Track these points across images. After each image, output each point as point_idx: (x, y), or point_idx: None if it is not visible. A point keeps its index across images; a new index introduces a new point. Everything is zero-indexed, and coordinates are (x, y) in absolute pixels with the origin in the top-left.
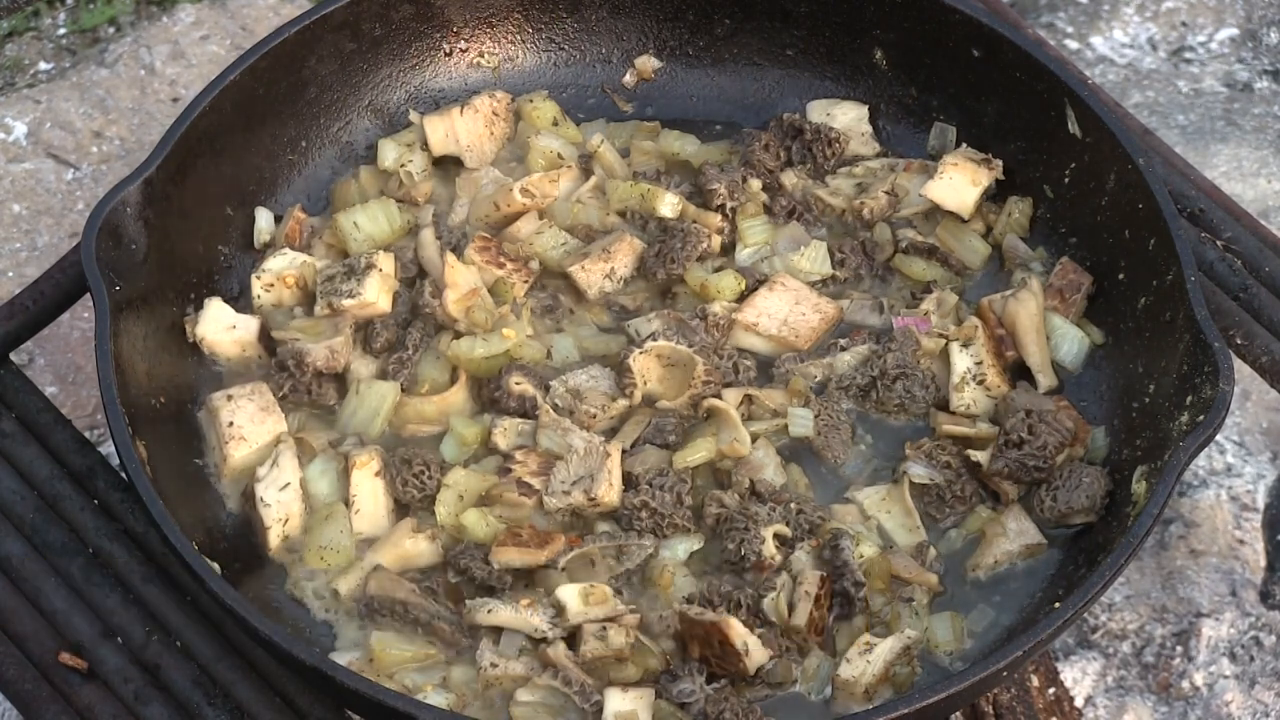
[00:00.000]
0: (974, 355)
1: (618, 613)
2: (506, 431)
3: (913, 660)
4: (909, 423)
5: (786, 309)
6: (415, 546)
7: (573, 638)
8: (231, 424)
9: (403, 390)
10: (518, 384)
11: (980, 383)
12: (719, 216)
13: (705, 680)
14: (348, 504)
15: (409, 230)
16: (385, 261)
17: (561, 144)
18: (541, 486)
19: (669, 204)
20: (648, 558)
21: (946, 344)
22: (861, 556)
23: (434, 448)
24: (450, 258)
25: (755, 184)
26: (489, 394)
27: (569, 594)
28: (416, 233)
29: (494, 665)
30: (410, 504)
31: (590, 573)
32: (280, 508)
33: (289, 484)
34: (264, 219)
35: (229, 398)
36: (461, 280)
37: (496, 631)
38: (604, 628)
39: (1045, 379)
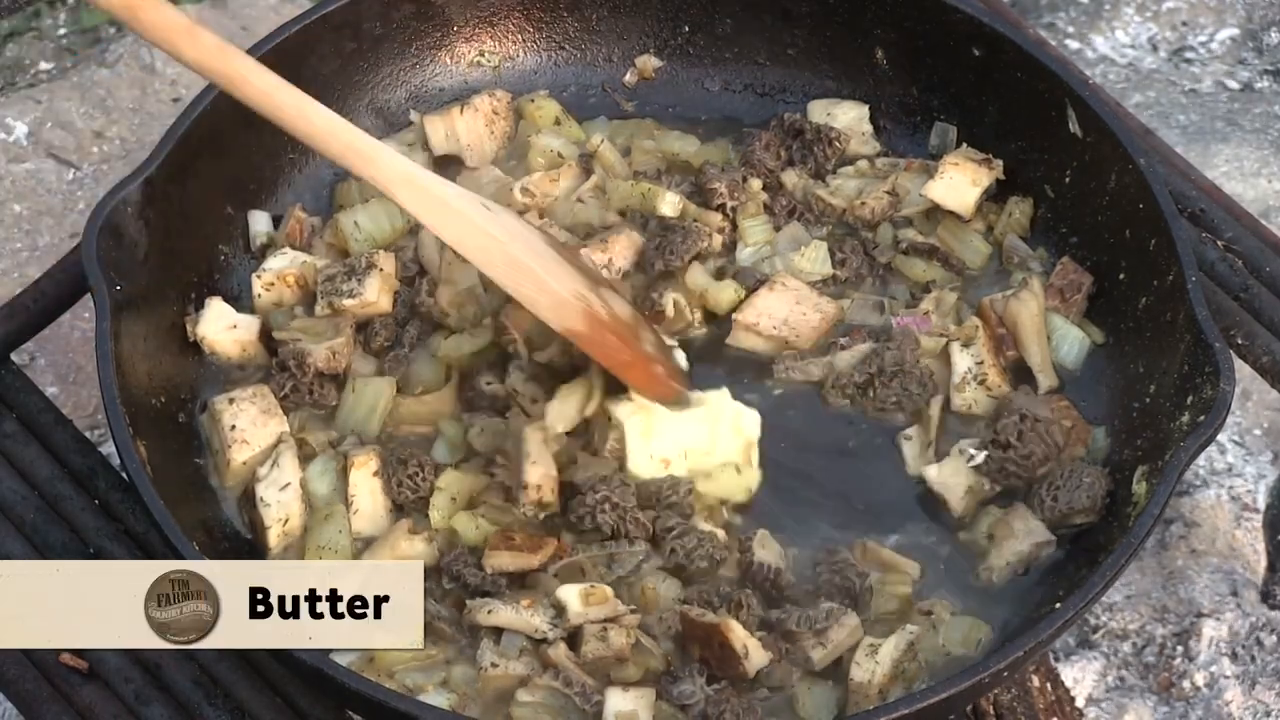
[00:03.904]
0: (974, 355)
1: (618, 613)
2: (483, 432)
3: (917, 655)
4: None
5: (787, 309)
6: (412, 547)
7: (573, 638)
8: (234, 427)
9: (398, 390)
10: (489, 384)
11: (981, 382)
12: (719, 216)
13: (705, 681)
14: (347, 504)
15: (409, 229)
16: (386, 261)
17: (562, 143)
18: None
19: (669, 203)
20: (639, 563)
21: (947, 344)
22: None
23: (431, 448)
24: (450, 254)
25: (755, 184)
26: (465, 394)
27: (570, 594)
28: (417, 232)
29: (494, 665)
30: (405, 505)
31: (581, 580)
32: (280, 508)
33: (289, 484)
34: (260, 222)
35: (230, 401)
36: (459, 277)
37: (497, 631)
38: (605, 628)
39: (1045, 379)
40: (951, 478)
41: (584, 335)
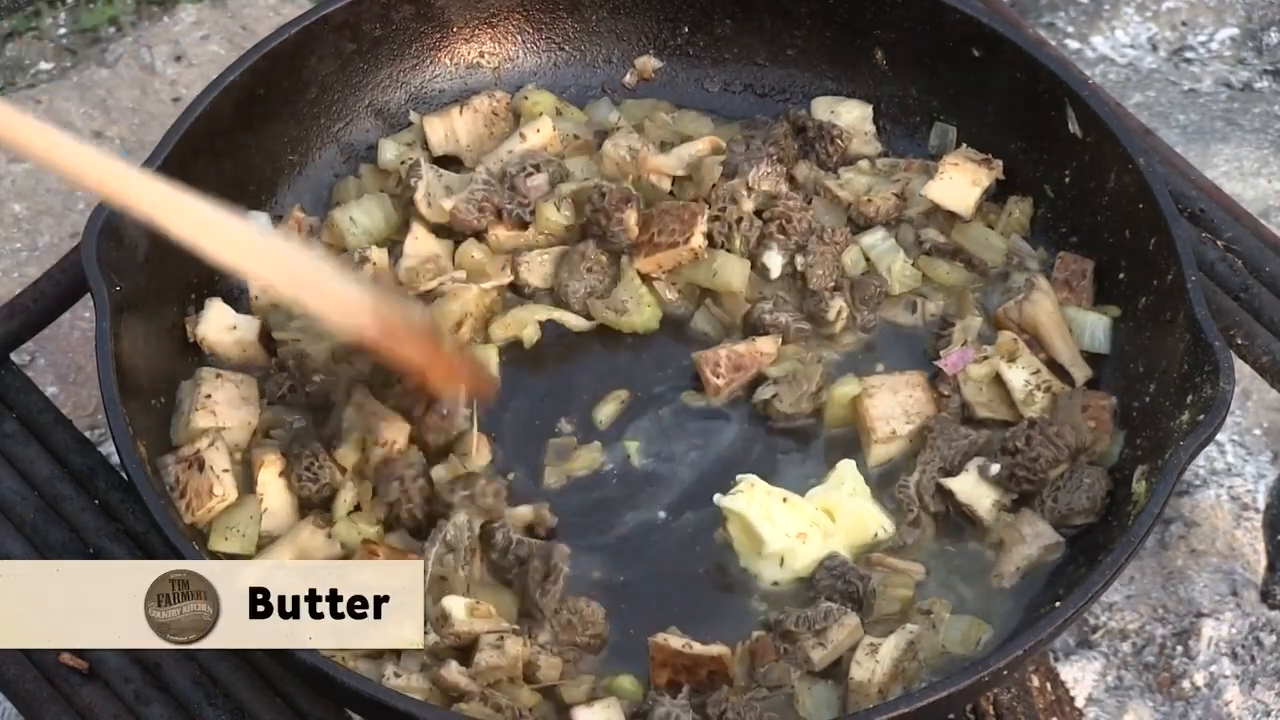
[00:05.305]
0: (1026, 366)
1: (502, 629)
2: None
3: (917, 655)
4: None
5: (897, 401)
6: (312, 541)
7: (467, 653)
8: (209, 396)
9: (389, 385)
10: None
11: (1047, 389)
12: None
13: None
14: (258, 503)
15: (406, 225)
16: (379, 256)
17: (574, 125)
18: None
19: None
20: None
21: (994, 366)
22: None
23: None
24: (418, 229)
25: (747, 205)
26: None
27: (454, 604)
28: (414, 229)
29: (397, 676)
30: (310, 499)
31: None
32: (221, 484)
33: (227, 469)
34: (259, 223)
35: (217, 375)
36: (424, 249)
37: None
38: (500, 637)
39: (1079, 371)
40: (974, 489)
41: (376, 335)
